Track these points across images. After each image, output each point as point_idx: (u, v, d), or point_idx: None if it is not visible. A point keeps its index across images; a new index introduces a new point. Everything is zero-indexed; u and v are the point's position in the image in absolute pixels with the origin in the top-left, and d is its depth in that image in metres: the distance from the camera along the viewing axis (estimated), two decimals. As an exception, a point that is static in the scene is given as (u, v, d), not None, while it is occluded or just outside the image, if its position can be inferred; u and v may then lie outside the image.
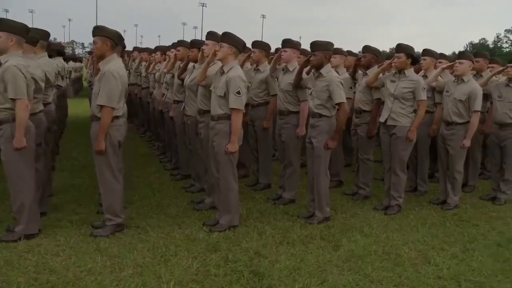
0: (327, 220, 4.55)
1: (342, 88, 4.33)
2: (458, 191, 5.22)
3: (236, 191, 4.26)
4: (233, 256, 3.70)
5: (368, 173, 5.39)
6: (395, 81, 4.83)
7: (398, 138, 4.80)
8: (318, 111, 4.41)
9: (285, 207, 4.96)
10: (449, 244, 4.18)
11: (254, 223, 4.44)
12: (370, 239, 4.18)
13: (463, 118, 5.07)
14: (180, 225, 4.32)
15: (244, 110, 4.13)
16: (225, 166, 4.14)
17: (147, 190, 5.38)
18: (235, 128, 4.03)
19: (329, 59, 4.44)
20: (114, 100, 3.79)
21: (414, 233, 4.40)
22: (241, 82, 4.00)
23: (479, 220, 4.89)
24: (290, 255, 3.78)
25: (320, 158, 4.43)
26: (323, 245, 4.01)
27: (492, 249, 4.11)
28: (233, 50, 4.10)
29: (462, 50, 6.37)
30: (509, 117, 5.33)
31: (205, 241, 3.96)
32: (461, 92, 5.03)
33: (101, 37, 3.85)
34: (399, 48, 4.80)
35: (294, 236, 4.15)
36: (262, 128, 5.41)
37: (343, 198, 5.40)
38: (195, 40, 5.17)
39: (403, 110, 4.78)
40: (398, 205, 4.95)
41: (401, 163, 4.87)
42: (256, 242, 4.01)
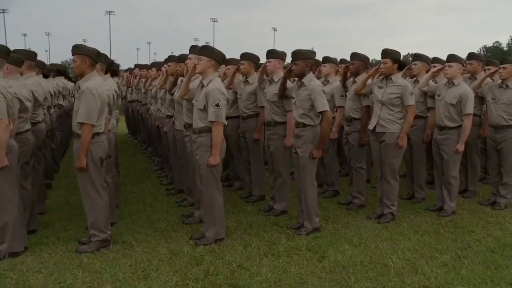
0: (316, 230, 4.48)
1: (324, 97, 4.29)
2: (454, 197, 5.09)
3: (221, 204, 4.24)
4: (214, 270, 3.67)
5: (362, 182, 5.31)
6: (383, 87, 4.77)
7: (387, 145, 4.72)
8: (302, 120, 4.38)
9: (276, 218, 4.92)
10: (441, 252, 4.07)
11: (241, 236, 4.41)
12: (358, 249, 4.10)
13: (455, 122, 4.97)
14: (167, 240, 4.32)
15: (225, 123, 4.13)
16: (208, 179, 4.13)
17: (140, 205, 5.40)
18: (215, 141, 4.03)
19: (310, 68, 4.41)
20: (94, 117, 3.83)
21: (405, 242, 4.29)
22: (220, 94, 4.01)
23: (476, 226, 4.75)
24: (273, 267, 3.73)
25: (305, 168, 4.38)
26: (309, 256, 3.95)
27: (485, 256, 3.98)
28: (212, 63, 4.12)
29: (451, 53, 6.20)
30: (504, 119, 5.20)
31: (189, 255, 3.94)
32: (452, 95, 4.94)
33: (80, 55, 3.92)
34: (385, 54, 4.75)
35: (280, 248, 4.10)
36: (253, 140, 5.39)
37: (337, 208, 5.32)
38: (183, 55, 5.22)
39: (392, 116, 4.71)
40: (391, 213, 4.84)
41: (392, 170, 4.78)
42: (240, 254, 3.97)
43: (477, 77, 5.64)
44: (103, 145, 4.01)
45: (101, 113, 3.95)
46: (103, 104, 3.96)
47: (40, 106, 4.95)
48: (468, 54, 5.75)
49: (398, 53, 4.78)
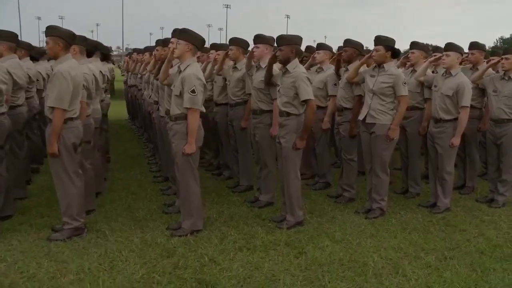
0: (299, 224, 4.30)
1: (309, 85, 4.07)
2: (448, 193, 4.85)
3: (197, 194, 4.08)
4: (184, 263, 3.53)
5: (352, 174, 5.09)
6: (375, 75, 4.53)
7: (377, 137, 4.50)
8: (286, 109, 4.17)
9: (260, 210, 4.75)
10: (426, 252, 3.86)
11: (220, 227, 4.26)
12: (339, 246, 3.92)
13: (451, 115, 4.70)
14: (143, 229, 4.19)
15: (202, 110, 3.96)
16: (184, 169, 3.98)
17: (123, 192, 5.28)
18: (191, 129, 3.86)
19: (296, 53, 4.19)
20: (65, 101, 3.69)
21: (390, 239, 4.09)
22: (196, 80, 3.83)
23: (468, 224, 4.51)
24: (246, 262, 3.57)
25: (288, 158, 4.19)
26: (286, 252, 3.78)
27: (473, 257, 3.76)
28: (190, 47, 3.93)
29: (449, 42, 5.87)
30: (505, 113, 4.91)
31: (162, 246, 3.82)
32: (448, 86, 4.67)
33: (53, 37, 3.77)
34: (377, 40, 4.49)
35: (257, 242, 3.94)
36: (240, 128, 5.21)
37: (325, 201, 5.13)
38: (168, 39, 5.03)
39: (383, 107, 4.47)
40: (380, 209, 4.64)
41: (382, 163, 4.55)
42: (214, 247, 3.82)
43: (478, 68, 5.33)
44: (76, 130, 3.88)
45: (75, 97, 3.80)
46: (76, 88, 3.81)
47: (21, 89, 4.84)
48: (470, 43, 5.43)
49: (392, 40, 4.52)
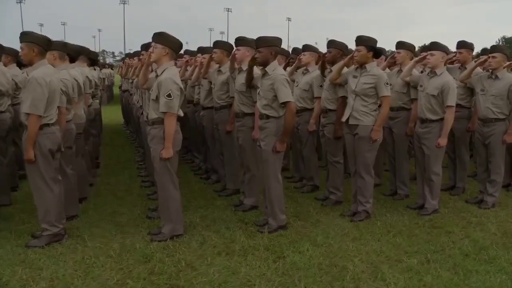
0: (281, 228, 4.25)
1: (288, 87, 4.03)
2: (436, 194, 4.77)
3: (177, 199, 4.04)
4: (160, 268, 3.50)
5: (338, 177, 5.03)
6: (357, 76, 4.47)
7: (361, 138, 4.44)
8: (265, 111, 4.13)
9: (243, 214, 4.70)
10: (409, 255, 3.79)
11: (201, 232, 4.22)
12: (320, 250, 3.86)
13: (437, 115, 4.63)
14: (123, 235, 4.16)
15: (180, 114, 3.93)
16: (162, 173, 3.95)
17: (109, 197, 5.26)
18: (167, 133, 3.83)
19: (275, 55, 4.14)
20: (40, 107, 3.67)
21: (373, 243, 4.02)
22: (172, 84, 3.79)
23: (455, 226, 4.44)
24: (223, 267, 3.53)
25: (268, 162, 4.14)
26: (265, 256, 3.73)
27: (456, 260, 3.69)
28: (166, 51, 3.90)
29: (433, 41, 5.80)
30: (492, 112, 4.84)
31: (140, 252, 3.78)
32: (433, 86, 4.61)
33: (27, 43, 3.76)
34: (359, 41, 4.44)
35: (237, 247, 3.89)
36: (225, 132, 5.17)
37: (311, 204, 5.07)
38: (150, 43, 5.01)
39: (365, 108, 4.42)
40: (366, 211, 4.57)
41: (366, 165, 4.49)
42: (193, 252, 3.78)
43: (467, 67, 5.25)
44: (53, 136, 3.85)
45: (50, 103, 3.78)
46: (52, 94, 3.79)
47: (3, 96, 4.84)
48: (457, 42, 5.36)
49: (374, 40, 4.46)
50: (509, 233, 4.29)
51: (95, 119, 6.55)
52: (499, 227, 4.43)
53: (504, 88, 4.77)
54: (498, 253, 3.83)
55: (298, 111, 5.41)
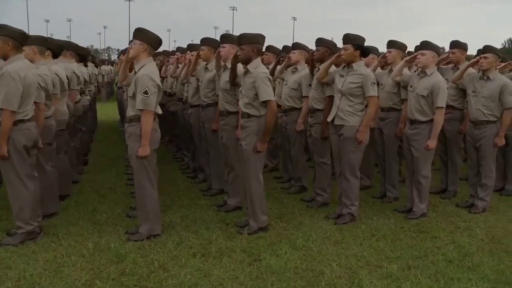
0: (262, 230, 4.15)
1: (269, 85, 3.92)
2: (425, 198, 4.64)
3: (154, 198, 3.96)
4: (132, 269, 3.41)
5: (325, 178, 4.92)
6: (344, 75, 4.36)
7: (346, 139, 4.32)
8: (247, 110, 4.03)
9: (226, 214, 4.61)
10: (390, 261, 3.67)
11: (180, 232, 4.13)
12: (298, 253, 3.75)
13: (426, 116, 4.50)
14: (101, 233, 4.08)
15: (158, 112, 3.84)
16: (139, 172, 3.86)
17: (91, 195, 5.19)
18: (144, 131, 3.74)
19: (258, 53, 4.04)
20: (14, 102, 3.60)
21: (355, 247, 3.90)
22: (149, 81, 3.71)
23: (442, 231, 4.31)
24: (196, 270, 3.44)
25: (249, 162, 4.04)
26: (240, 259, 3.63)
27: (439, 267, 3.56)
28: (145, 47, 3.82)
29: (424, 40, 5.65)
30: (483, 114, 4.69)
31: (114, 252, 3.70)
32: (423, 86, 4.48)
33: (2, 36, 3.68)
34: (346, 39, 4.32)
35: (213, 248, 3.79)
36: (211, 130, 5.08)
37: (297, 205, 4.96)
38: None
39: (351, 108, 4.30)
40: (351, 214, 4.45)
41: (351, 167, 4.37)
42: (168, 253, 3.69)
43: (460, 67, 5.11)
44: (28, 132, 3.78)
45: (25, 98, 3.70)
46: (27, 89, 3.71)
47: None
48: (450, 42, 5.21)
49: (361, 38, 4.34)
50: (497, 239, 4.15)
51: (85, 115, 6.50)
52: (487, 233, 4.29)
53: (496, 89, 4.63)
54: (483, 260, 3.71)
55: (287, 110, 5.34)
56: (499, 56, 4.79)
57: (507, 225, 4.52)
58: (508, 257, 3.79)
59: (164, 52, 8.22)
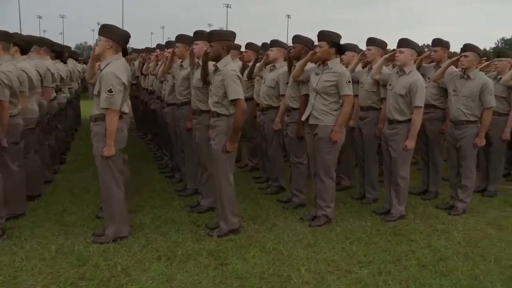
0: (233, 232, 4.03)
1: (238, 83, 3.80)
2: (403, 199, 4.53)
3: (120, 199, 3.84)
4: (92, 273, 3.29)
5: (301, 178, 4.80)
6: (319, 73, 4.24)
7: (320, 139, 4.20)
8: (216, 109, 3.91)
9: (199, 216, 4.49)
10: (362, 265, 3.55)
11: (148, 234, 4.01)
12: (267, 257, 3.63)
13: (404, 116, 4.39)
14: (67, 235, 3.96)
15: (125, 111, 3.72)
16: (103, 172, 3.75)
17: (64, 195, 5.06)
18: (109, 130, 3.62)
19: (228, 50, 3.92)
20: None
21: (327, 251, 3.79)
22: (114, 79, 3.58)
23: (419, 234, 4.19)
24: (159, 274, 3.32)
25: (219, 162, 3.92)
26: (206, 263, 3.51)
27: (411, 272, 3.45)
28: (111, 44, 3.69)
29: (403, 37, 5.52)
30: (463, 114, 4.58)
31: (77, 254, 3.58)
32: (401, 85, 4.36)
33: None
34: (321, 36, 4.20)
35: (180, 251, 3.68)
36: (186, 129, 4.96)
37: (272, 206, 4.84)
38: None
39: (326, 107, 4.18)
40: (326, 216, 4.34)
41: (325, 167, 4.25)
42: (132, 256, 3.58)
43: (442, 66, 4.98)
44: None
45: None
46: None
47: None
48: (432, 40, 5.09)
49: (337, 36, 4.22)
50: (474, 242, 4.04)
51: (62, 113, 6.37)
52: (465, 236, 4.18)
53: (476, 89, 4.52)
54: (457, 264, 3.60)
55: (264, 109, 5.22)
56: (480, 55, 4.67)
57: (486, 227, 4.41)
58: (483, 261, 3.68)
59: (146, 49, 8.11)
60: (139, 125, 9.20)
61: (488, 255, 3.77)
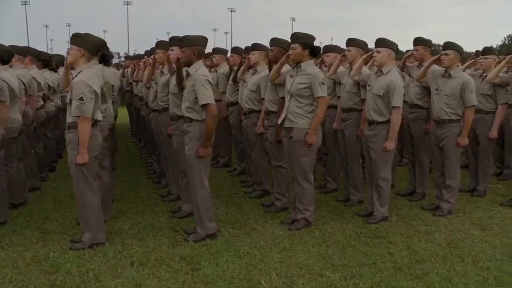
0: (210, 237, 4.02)
1: (209, 88, 3.80)
2: (385, 201, 4.47)
3: (95, 206, 3.86)
4: (63, 280, 3.31)
5: (283, 182, 4.77)
6: (293, 76, 4.21)
7: (295, 142, 4.17)
8: (188, 114, 3.91)
9: (179, 221, 4.49)
10: (336, 269, 3.51)
11: (125, 240, 4.02)
12: (239, 262, 3.61)
13: (383, 116, 4.34)
14: (45, 243, 3.99)
15: (98, 119, 3.75)
16: (78, 180, 3.77)
17: (48, 202, 5.09)
18: (81, 138, 3.64)
19: (199, 55, 3.92)
20: None
21: (301, 254, 3.75)
22: (85, 87, 3.61)
23: (400, 236, 4.14)
24: (130, 279, 3.32)
25: (192, 168, 3.92)
26: (178, 268, 3.51)
27: (385, 275, 3.40)
28: (82, 53, 3.72)
29: (380, 37, 5.48)
30: (445, 113, 4.51)
31: (52, 261, 3.60)
32: (379, 85, 4.32)
33: None
34: (293, 38, 4.18)
35: (153, 257, 3.68)
36: (167, 135, 4.97)
37: (254, 210, 4.82)
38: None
39: (300, 110, 4.15)
40: (305, 219, 4.30)
41: (302, 171, 4.22)
42: (106, 263, 3.59)
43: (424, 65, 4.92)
44: None
45: None
46: None
47: None
48: (414, 38, 5.02)
49: (310, 37, 4.19)
50: (455, 244, 3.97)
51: (51, 121, 6.44)
52: (446, 237, 4.12)
53: (457, 87, 4.45)
54: (434, 266, 3.54)
55: (246, 113, 5.21)
56: (461, 53, 4.60)
57: (469, 228, 4.34)
58: (461, 263, 3.61)
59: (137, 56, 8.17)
60: (134, 131, 9.27)
61: (467, 256, 3.70)
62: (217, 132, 6.96)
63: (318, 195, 5.34)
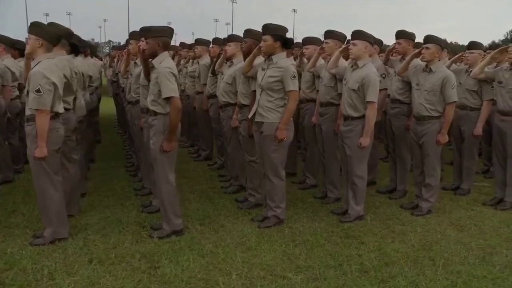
0: (177, 233, 3.91)
1: (173, 81, 3.65)
2: (360, 199, 4.33)
3: (56, 200, 3.74)
4: (14, 278, 3.20)
5: (256, 178, 4.63)
6: (265, 69, 4.06)
7: (266, 137, 4.03)
8: (153, 107, 3.78)
9: (148, 216, 4.38)
10: (299, 270, 3.38)
11: (89, 236, 3.91)
12: (202, 260, 3.49)
13: (358, 111, 4.19)
14: (6, 238, 3.88)
15: (59, 111, 3.63)
16: (37, 174, 3.66)
17: (18, 195, 4.96)
18: (40, 131, 3.52)
19: (164, 47, 3.77)
20: None
21: (267, 254, 3.63)
22: (42, 79, 3.48)
23: (373, 236, 4.00)
24: (85, 278, 3.22)
25: (156, 162, 3.80)
26: (137, 266, 3.39)
27: (349, 278, 3.26)
28: (41, 43, 3.59)
29: (356, 29, 5.24)
30: (426, 109, 4.34)
31: (8, 258, 3.49)
32: (354, 79, 4.15)
33: None
34: (265, 29, 4.01)
35: (115, 253, 3.57)
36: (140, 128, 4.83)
37: (227, 206, 4.69)
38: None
39: (271, 104, 4.00)
40: (276, 217, 4.17)
41: (273, 167, 4.08)
42: (64, 259, 3.48)
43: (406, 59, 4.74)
44: None
45: None
46: None
47: None
48: (396, 32, 4.84)
49: (282, 29, 4.03)
50: (429, 245, 3.82)
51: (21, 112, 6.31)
52: (421, 238, 3.97)
53: (437, 82, 4.27)
54: (402, 270, 3.39)
55: (222, 106, 5.07)
56: (442, 47, 4.42)
57: (446, 228, 4.19)
58: (432, 266, 3.47)
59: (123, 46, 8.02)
60: (120, 123, 9.17)
61: (439, 259, 3.56)
62: (198, 125, 6.94)
63: (296, 191, 5.23)
